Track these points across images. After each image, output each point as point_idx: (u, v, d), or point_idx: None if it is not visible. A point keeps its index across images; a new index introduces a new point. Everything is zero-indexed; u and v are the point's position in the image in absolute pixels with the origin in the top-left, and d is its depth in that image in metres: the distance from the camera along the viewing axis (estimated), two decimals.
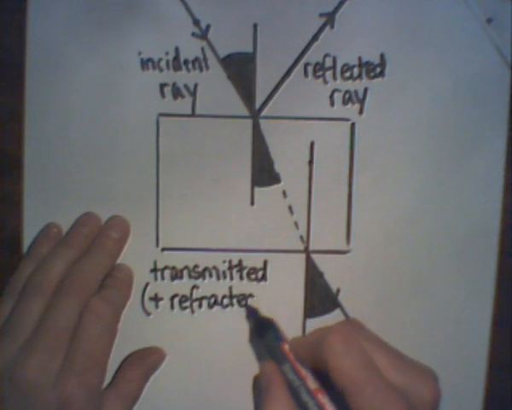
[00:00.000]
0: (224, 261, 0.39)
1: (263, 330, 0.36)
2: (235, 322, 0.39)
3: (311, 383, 0.32)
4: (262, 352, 0.36)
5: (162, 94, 0.38)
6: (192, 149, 0.38)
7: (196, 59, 0.38)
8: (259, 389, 0.33)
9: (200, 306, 0.39)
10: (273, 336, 0.35)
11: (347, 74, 0.38)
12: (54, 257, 0.37)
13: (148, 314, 0.39)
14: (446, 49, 0.38)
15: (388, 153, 0.38)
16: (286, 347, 0.34)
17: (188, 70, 0.38)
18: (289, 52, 0.38)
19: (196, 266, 0.39)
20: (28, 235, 0.38)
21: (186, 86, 0.38)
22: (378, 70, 0.38)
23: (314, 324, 0.39)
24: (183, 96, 0.38)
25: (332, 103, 0.38)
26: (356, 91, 0.38)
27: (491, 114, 0.38)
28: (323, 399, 0.31)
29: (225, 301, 0.39)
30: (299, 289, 0.39)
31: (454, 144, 0.38)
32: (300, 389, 0.32)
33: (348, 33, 0.38)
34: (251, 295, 0.39)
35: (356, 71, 0.38)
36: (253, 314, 0.38)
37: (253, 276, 0.39)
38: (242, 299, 0.39)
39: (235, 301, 0.39)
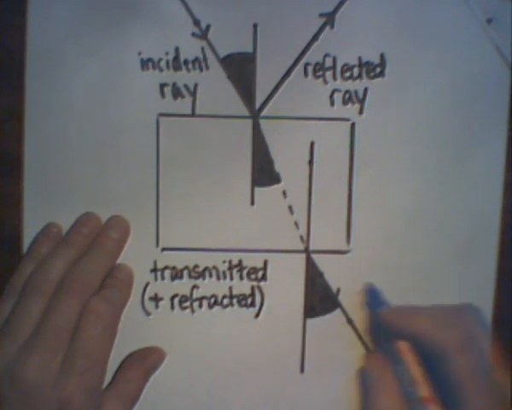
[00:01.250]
0: (224, 261, 0.39)
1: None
2: (236, 322, 0.39)
3: (424, 390, 0.32)
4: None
5: (162, 94, 0.38)
6: (192, 149, 0.38)
7: (196, 59, 0.38)
8: (366, 379, 0.34)
9: (200, 306, 0.39)
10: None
11: (347, 74, 0.38)
12: (54, 257, 0.37)
13: (148, 314, 0.39)
14: (446, 49, 0.38)
15: (388, 153, 0.38)
16: (401, 344, 0.34)
17: (188, 70, 0.38)
18: (289, 52, 0.38)
19: (196, 266, 0.39)
20: (28, 235, 0.38)
21: (186, 86, 0.38)
22: (378, 70, 0.38)
23: (314, 324, 0.39)
24: (183, 96, 0.38)
25: (332, 103, 0.38)
26: (356, 91, 0.38)
27: (491, 114, 0.38)
28: (434, 408, 0.31)
29: (225, 301, 0.39)
30: (299, 289, 0.39)
31: (454, 144, 0.38)
32: (412, 394, 0.32)
33: (348, 33, 0.38)
34: (251, 296, 0.39)
35: (356, 71, 0.38)
36: (376, 303, 0.37)
37: (253, 276, 0.39)
38: (242, 299, 0.39)
39: (235, 301, 0.39)
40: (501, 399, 0.30)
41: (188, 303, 0.39)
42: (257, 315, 0.39)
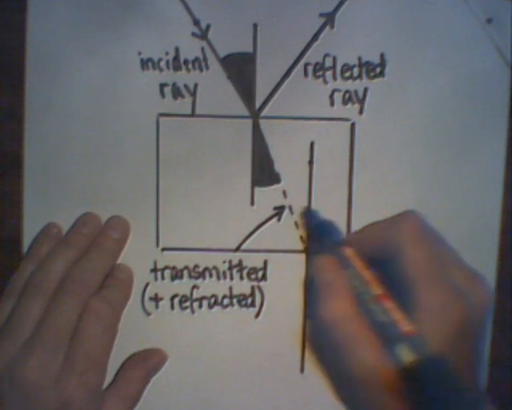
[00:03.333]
0: (224, 261, 0.39)
1: (323, 234, 0.35)
2: (236, 322, 0.39)
3: (376, 288, 0.31)
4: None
5: (162, 94, 0.38)
6: (192, 149, 0.38)
7: (196, 59, 0.38)
8: (316, 283, 0.33)
9: (200, 306, 0.39)
10: (334, 239, 0.35)
11: (347, 74, 0.38)
12: (54, 257, 0.37)
13: (149, 314, 0.39)
14: (446, 49, 0.38)
15: (388, 153, 0.38)
16: (348, 250, 0.33)
17: (188, 70, 0.38)
18: (289, 52, 0.38)
19: (196, 266, 0.39)
20: (28, 235, 0.38)
21: (186, 86, 0.38)
22: (378, 70, 0.38)
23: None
24: (183, 96, 0.38)
25: (332, 103, 0.38)
26: (356, 91, 0.38)
27: (491, 113, 0.38)
28: (389, 304, 0.30)
29: (225, 301, 0.39)
30: (299, 289, 0.39)
31: (454, 144, 0.38)
32: (364, 295, 0.31)
33: (348, 33, 0.38)
34: (251, 296, 0.39)
35: (356, 71, 0.38)
36: (312, 217, 0.37)
37: (253, 276, 0.39)
38: (242, 299, 0.39)
39: (235, 301, 0.39)
40: (457, 297, 0.30)
41: (188, 303, 0.39)
42: (257, 315, 0.39)
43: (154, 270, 0.39)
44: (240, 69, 0.38)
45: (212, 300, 0.39)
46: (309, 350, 0.38)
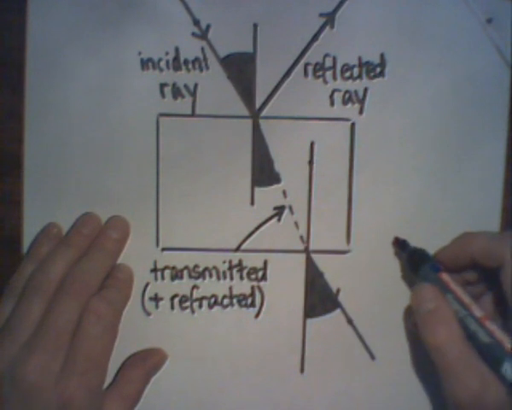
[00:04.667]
0: (224, 261, 0.39)
1: (417, 263, 0.35)
2: (236, 322, 0.39)
3: (477, 311, 0.31)
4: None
5: (162, 94, 0.38)
6: (192, 149, 0.38)
7: (196, 59, 0.38)
8: (419, 312, 0.33)
9: (200, 306, 0.39)
10: (428, 266, 0.35)
11: (347, 74, 0.38)
12: (54, 257, 0.37)
13: (149, 314, 0.39)
14: (446, 49, 0.38)
15: (388, 153, 0.38)
16: (444, 276, 0.33)
17: (188, 70, 0.38)
18: (289, 52, 0.38)
19: (196, 266, 0.39)
20: (28, 235, 0.38)
21: (186, 86, 0.38)
22: (378, 70, 0.38)
23: (314, 324, 0.39)
24: (183, 96, 0.38)
25: (332, 103, 0.38)
26: (356, 91, 0.38)
27: (491, 113, 0.38)
28: (492, 326, 0.31)
29: (225, 301, 0.39)
30: (299, 289, 0.39)
31: (454, 144, 0.38)
32: (467, 319, 0.31)
33: (348, 33, 0.38)
34: (251, 296, 0.39)
35: (356, 71, 0.38)
36: (403, 247, 0.37)
37: (253, 276, 0.39)
38: (242, 299, 0.39)
39: (235, 301, 0.39)
40: None
41: (188, 303, 0.39)
42: (257, 315, 0.39)
43: (154, 270, 0.39)
44: (240, 69, 0.38)
45: (212, 300, 0.39)
46: None
